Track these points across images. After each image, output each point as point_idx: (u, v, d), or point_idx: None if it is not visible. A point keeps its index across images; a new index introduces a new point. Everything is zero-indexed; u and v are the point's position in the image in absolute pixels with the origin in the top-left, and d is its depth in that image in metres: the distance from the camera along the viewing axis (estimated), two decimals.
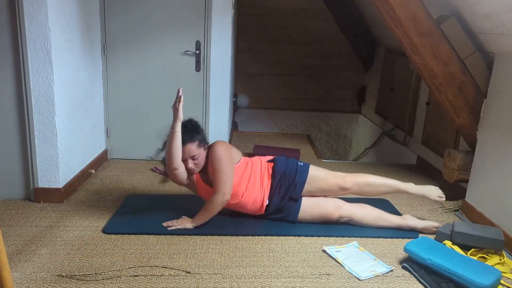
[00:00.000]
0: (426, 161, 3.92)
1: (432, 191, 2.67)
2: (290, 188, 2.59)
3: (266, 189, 2.60)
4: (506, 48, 2.61)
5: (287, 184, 2.59)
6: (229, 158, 2.50)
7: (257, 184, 2.60)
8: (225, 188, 2.45)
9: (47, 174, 2.83)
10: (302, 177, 2.61)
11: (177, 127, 2.43)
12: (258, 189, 2.59)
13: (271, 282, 2.05)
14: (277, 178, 2.61)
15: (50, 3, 2.62)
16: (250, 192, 2.58)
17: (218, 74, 3.67)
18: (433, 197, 2.65)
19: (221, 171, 2.45)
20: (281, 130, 6.06)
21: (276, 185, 2.60)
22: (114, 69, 3.64)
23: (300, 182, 2.59)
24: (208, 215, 2.50)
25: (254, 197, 2.58)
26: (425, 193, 2.66)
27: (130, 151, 3.80)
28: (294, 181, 2.59)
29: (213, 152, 2.49)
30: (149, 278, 2.03)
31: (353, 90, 6.06)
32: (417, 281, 2.11)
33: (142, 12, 3.53)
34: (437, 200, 2.65)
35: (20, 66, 2.67)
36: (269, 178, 2.63)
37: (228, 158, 2.50)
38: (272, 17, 5.70)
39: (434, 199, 2.65)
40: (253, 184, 2.58)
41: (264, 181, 2.62)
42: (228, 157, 2.50)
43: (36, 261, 2.14)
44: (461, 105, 2.93)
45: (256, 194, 2.59)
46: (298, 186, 2.59)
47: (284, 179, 2.61)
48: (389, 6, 2.75)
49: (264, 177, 2.63)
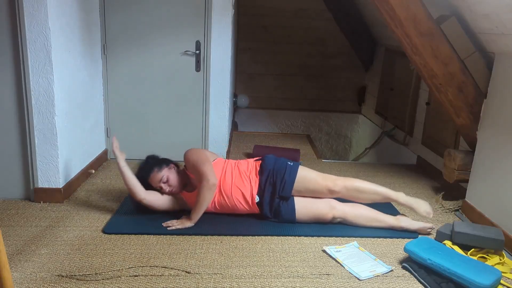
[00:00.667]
0: (426, 161, 3.92)
1: (421, 205, 2.62)
2: (280, 186, 2.60)
3: (254, 186, 2.62)
4: (506, 48, 2.61)
5: (276, 181, 2.61)
6: (202, 155, 2.63)
7: (244, 179, 2.63)
8: (208, 174, 2.50)
9: (47, 174, 2.83)
10: (292, 175, 2.62)
11: (121, 163, 2.61)
12: (246, 184, 2.62)
13: (271, 282, 2.05)
14: (265, 174, 2.63)
15: (50, 3, 2.62)
16: (237, 187, 2.61)
17: (218, 74, 3.67)
18: (420, 212, 2.60)
19: (198, 164, 2.55)
20: (281, 130, 6.06)
21: (264, 181, 2.62)
22: (114, 69, 3.64)
23: (289, 181, 2.60)
24: (201, 206, 2.52)
25: (242, 193, 2.60)
26: (413, 205, 2.62)
27: (130, 151, 3.78)
28: (284, 179, 2.60)
29: (186, 159, 2.65)
30: (149, 278, 2.03)
31: (353, 90, 6.06)
32: (417, 281, 2.11)
33: (142, 12, 3.53)
34: (423, 215, 2.61)
35: (20, 66, 2.67)
36: (256, 175, 2.66)
37: (201, 155, 2.63)
38: (272, 17, 5.70)
39: (421, 214, 2.61)
40: (239, 179, 2.63)
41: (251, 177, 2.65)
42: (197, 153, 2.65)
43: (36, 261, 2.14)
44: (461, 105, 2.93)
45: (244, 188, 2.61)
46: (288, 185, 2.59)
47: (272, 176, 2.62)
48: (389, 6, 2.75)
49: (252, 173, 2.66)
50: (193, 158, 2.61)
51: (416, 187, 3.48)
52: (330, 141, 6.25)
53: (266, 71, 5.89)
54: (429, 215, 2.61)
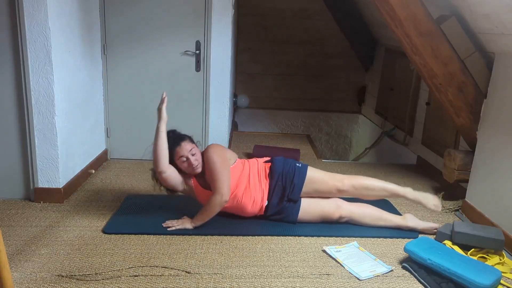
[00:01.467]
0: (426, 161, 3.92)
1: (429, 199, 2.62)
2: (289, 189, 2.58)
3: (264, 189, 2.60)
4: (506, 48, 2.61)
5: (285, 184, 2.59)
6: (224, 160, 2.51)
7: (256, 184, 2.60)
8: (223, 189, 2.44)
9: (47, 174, 2.83)
10: (301, 178, 2.60)
11: (162, 127, 2.47)
12: (257, 190, 2.59)
13: (271, 282, 2.05)
14: (275, 178, 2.61)
15: (50, 3, 2.62)
16: (249, 193, 2.57)
17: (218, 74, 3.67)
18: (429, 206, 2.60)
19: (217, 173, 2.45)
20: (281, 130, 6.06)
21: (274, 185, 2.60)
22: (114, 69, 3.64)
23: (298, 184, 2.59)
24: (207, 216, 2.51)
25: (254, 197, 2.58)
26: (422, 200, 2.61)
27: (130, 151, 3.80)
28: (293, 183, 2.58)
29: (208, 155, 2.51)
30: (149, 278, 2.03)
31: (353, 90, 6.05)
32: (417, 281, 2.11)
33: (142, 12, 3.53)
34: (432, 209, 2.60)
35: (20, 66, 2.67)
36: (266, 178, 2.63)
37: (223, 159, 2.51)
38: (272, 17, 5.69)
39: (429, 208, 2.60)
40: (252, 184, 2.59)
41: (262, 181, 2.62)
42: (222, 159, 2.50)
43: (36, 261, 2.14)
44: (461, 105, 2.93)
45: (255, 194, 2.59)
46: (297, 188, 2.58)
47: (282, 180, 2.60)
48: (389, 6, 2.75)
49: (262, 177, 2.63)
50: (214, 159, 2.47)
51: (416, 187, 3.46)
52: (330, 141, 6.25)
53: (266, 71, 5.89)
54: (438, 208, 2.60)
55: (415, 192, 2.65)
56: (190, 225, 2.51)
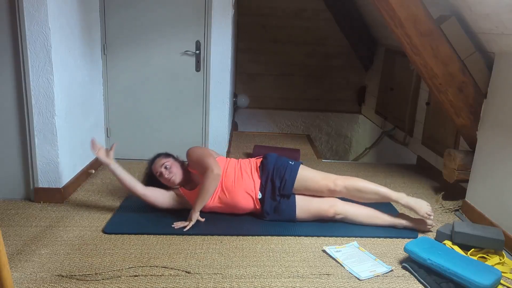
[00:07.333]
0: (426, 161, 3.92)
1: (422, 206, 2.58)
2: (280, 184, 2.61)
3: (256, 182, 2.65)
4: (506, 48, 2.61)
5: (277, 179, 2.63)
6: (204, 149, 2.72)
7: (245, 175, 2.66)
8: (211, 165, 2.53)
9: (47, 174, 2.83)
10: (292, 174, 2.64)
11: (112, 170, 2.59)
12: (247, 180, 2.64)
13: (271, 282, 2.05)
14: (266, 172, 2.66)
15: (50, 3, 2.61)
16: (239, 184, 2.62)
17: (218, 74, 3.67)
18: (421, 213, 2.57)
19: (201, 158, 2.59)
20: (281, 130, 6.06)
21: (265, 179, 2.64)
22: (114, 69, 3.64)
23: (289, 179, 2.62)
24: (204, 195, 2.53)
25: (244, 188, 2.61)
26: (414, 206, 2.58)
27: (130, 151, 3.80)
28: (284, 178, 2.62)
29: (188, 153, 2.68)
30: (149, 278, 2.03)
31: (353, 90, 6.05)
32: (417, 281, 2.11)
33: (142, 12, 3.53)
34: (424, 216, 2.57)
35: (20, 66, 2.67)
36: (257, 170, 2.70)
37: (203, 150, 2.72)
38: (272, 17, 5.69)
39: (421, 215, 2.57)
40: (240, 176, 2.65)
41: (253, 174, 2.68)
42: (202, 150, 2.71)
43: (36, 261, 2.14)
44: (461, 105, 2.93)
45: (245, 185, 2.62)
46: (288, 183, 2.61)
47: (273, 174, 2.64)
48: (389, 6, 2.75)
49: (253, 170, 2.70)
50: (196, 153, 2.65)
51: (416, 187, 3.48)
52: (330, 141, 6.25)
53: (266, 71, 5.89)
54: (430, 217, 2.59)
55: (408, 198, 2.61)
56: (194, 213, 2.54)
